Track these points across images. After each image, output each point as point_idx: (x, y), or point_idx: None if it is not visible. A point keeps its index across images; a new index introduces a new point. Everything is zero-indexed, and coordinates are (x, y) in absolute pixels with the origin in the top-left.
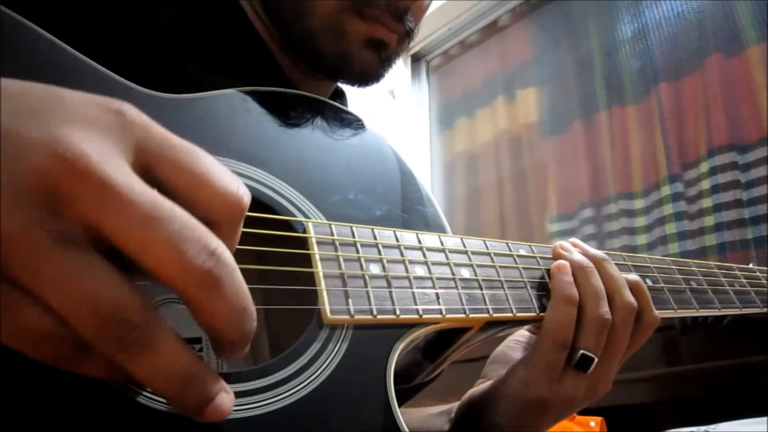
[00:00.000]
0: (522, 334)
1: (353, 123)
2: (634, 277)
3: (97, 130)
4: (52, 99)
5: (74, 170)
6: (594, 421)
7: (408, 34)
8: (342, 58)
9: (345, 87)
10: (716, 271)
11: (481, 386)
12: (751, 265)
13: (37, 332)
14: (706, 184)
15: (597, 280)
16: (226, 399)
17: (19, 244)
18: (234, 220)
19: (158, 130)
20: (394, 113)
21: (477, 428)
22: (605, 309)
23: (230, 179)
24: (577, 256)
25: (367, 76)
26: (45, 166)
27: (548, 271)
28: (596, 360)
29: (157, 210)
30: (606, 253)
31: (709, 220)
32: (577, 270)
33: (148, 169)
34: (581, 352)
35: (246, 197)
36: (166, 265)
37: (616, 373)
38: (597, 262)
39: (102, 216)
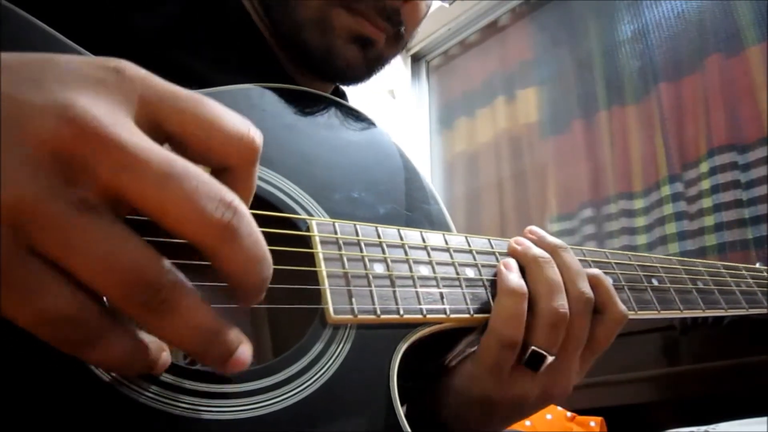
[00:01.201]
0: None
1: (358, 120)
2: (593, 270)
3: (100, 92)
4: (50, 65)
5: (85, 135)
6: (594, 421)
7: (398, 37)
8: (326, 52)
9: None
10: (723, 271)
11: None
12: (758, 265)
13: (58, 313)
14: (706, 184)
15: (552, 272)
16: (246, 350)
17: (40, 214)
18: (249, 161)
19: (159, 82)
20: (394, 113)
21: (425, 413)
22: (560, 302)
23: (240, 121)
24: (530, 249)
25: (351, 73)
26: (56, 134)
27: None
28: (549, 358)
29: (172, 167)
30: (610, 253)
31: (709, 220)
32: (529, 262)
33: (156, 123)
34: (532, 348)
35: (258, 137)
36: (187, 221)
37: (615, 374)
38: (552, 250)
39: (119, 178)
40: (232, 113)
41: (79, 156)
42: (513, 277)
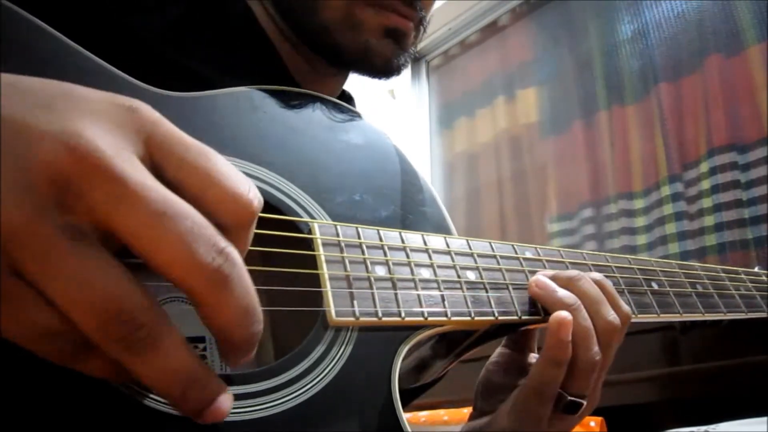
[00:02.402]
0: (500, 353)
1: (359, 123)
2: (595, 275)
3: (109, 126)
4: (66, 94)
5: (86, 164)
6: (594, 421)
7: (421, 23)
8: (362, 51)
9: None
10: (722, 274)
11: (469, 427)
12: (756, 269)
13: (38, 327)
14: (706, 184)
15: (583, 319)
16: (225, 401)
17: (27, 234)
18: (243, 224)
19: (170, 127)
20: (394, 113)
21: None
22: (595, 349)
23: (241, 181)
24: (558, 295)
25: (388, 68)
26: (57, 159)
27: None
28: (585, 402)
29: (168, 207)
30: (611, 256)
31: (709, 220)
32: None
33: (159, 166)
34: (570, 399)
35: (257, 201)
36: (176, 262)
37: (615, 374)
38: (570, 284)
39: (113, 211)
40: (237, 172)
41: (76, 183)
42: (565, 348)
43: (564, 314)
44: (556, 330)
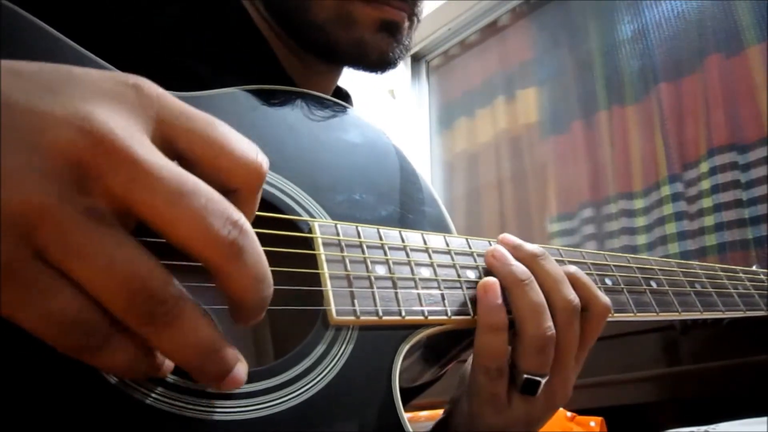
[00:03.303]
0: None
1: (358, 122)
2: (570, 268)
3: (117, 106)
4: (68, 76)
5: (102, 147)
6: (594, 421)
7: (414, 14)
8: (357, 46)
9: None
10: (720, 273)
11: (440, 418)
12: (754, 267)
13: (65, 317)
14: (706, 184)
15: (535, 294)
16: (242, 369)
17: (49, 218)
18: (253, 186)
19: (173, 101)
20: (394, 113)
21: None
22: (547, 324)
23: (248, 146)
24: (510, 268)
25: (385, 62)
26: (73, 142)
27: None
28: (543, 380)
29: (183, 185)
30: (609, 255)
31: (709, 220)
32: (510, 284)
33: (168, 140)
34: (525, 376)
35: (265, 163)
36: (194, 238)
37: (615, 374)
38: (530, 260)
39: (130, 192)
40: (243, 138)
41: (93, 166)
42: (495, 312)
43: (489, 279)
44: (483, 295)
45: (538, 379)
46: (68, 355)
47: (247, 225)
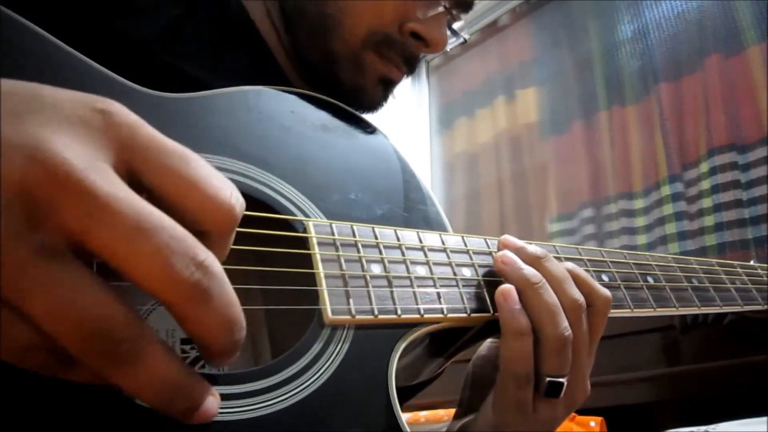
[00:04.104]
0: (488, 346)
1: (355, 122)
2: (567, 265)
3: (81, 133)
4: (36, 99)
5: (55, 178)
6: (594, 421)
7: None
8: (357, 91)
9: None
10: (717, 268)
11: (458, 425)
12: (752, 262)
13: (20, 343)
14: (706, 184)
15: (549, 296)
16: (212, 403)
17: None
18: (223, 230)
19: (147, 131)
20: (394, 113)
21: None
22: (564, 324)
23: (222, 186)
24: (522, 272)
25: (371, 108)
26: (24, 174)
27: None
28: (565, 382)
29: (143, 220)
30: (606, 251)
31: (709, 220)
32: (525, 288)
33: (136, 172)
34: (548, 380)
35: (238, 206)
36: (153, 278)
37: (615, 374)
38: (535, 263)
39: (84, 227)
40: (218, 176)
41: (46, 199)
42: (518, 317)
43: (505, 286)
44: (502, 301)
45: (560, 380)
46: (41, 374)
47: (214, 266)
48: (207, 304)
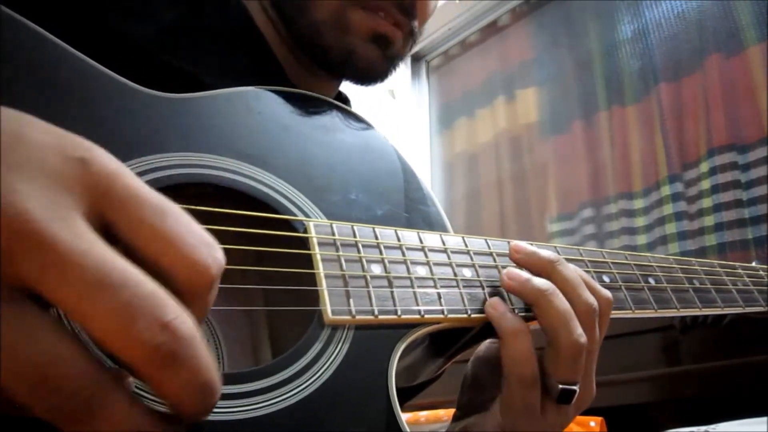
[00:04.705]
0: (485, 347)
1: (355, 122)
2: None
3: (50, 182)
4: (12, 141)
5: (15, 226)
6: (594, 421)
7: (411, 34)
8: (346, 53)
9: (347, 88)
10: (719, 269)
11: (459, 427)
12: (753, 263)
13: None
14: (706, 184)
15: (560, 301)
16: None
17: None
18: (197, 290)
19: (126, 181)
20: (394, 113)
21: None
22: (579, 331)
23: (199, 244)
24: (530, 285)
25: (371, 73)
26: None
27: None
28: (577, 389)
29: (104, 275)
30: (607, 252)
31: (709, 220)
32: (536, 299)
33: (110, 225)
34: (560, 387)
35: (215, 266)
36: (110, 337)
37: (615, 374)
38: (548, 267)
39: (42, 280)
40: (198, 233)
41: (4, 249)
42: (507, 318)
43: (493, 299)
44: (492, 311)
45: (573, 388)
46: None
47: (183, 327)
48: (172, 369)
